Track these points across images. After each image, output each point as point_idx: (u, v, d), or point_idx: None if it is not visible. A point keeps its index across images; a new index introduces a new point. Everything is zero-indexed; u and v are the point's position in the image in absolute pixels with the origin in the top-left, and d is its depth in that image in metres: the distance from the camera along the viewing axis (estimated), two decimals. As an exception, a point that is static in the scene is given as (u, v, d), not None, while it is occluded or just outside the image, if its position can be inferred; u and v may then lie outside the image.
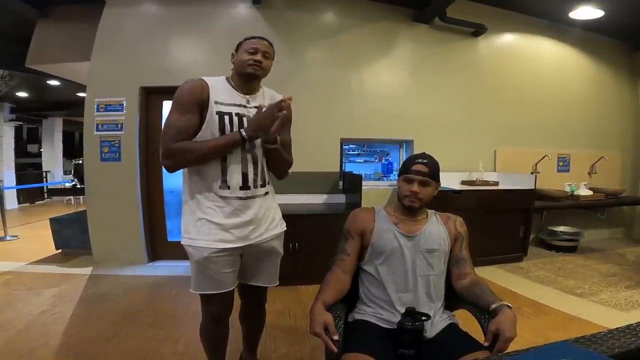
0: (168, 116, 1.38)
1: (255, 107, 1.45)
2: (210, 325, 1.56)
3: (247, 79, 1.45)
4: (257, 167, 1.46)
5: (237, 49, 1.47)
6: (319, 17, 3.96)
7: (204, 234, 1.39)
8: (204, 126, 1.36)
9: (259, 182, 1.48)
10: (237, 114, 1.41)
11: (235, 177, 1.41)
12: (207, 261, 1.40)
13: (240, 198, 1.42)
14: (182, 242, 1.44)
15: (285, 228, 1.64)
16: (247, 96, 1.47)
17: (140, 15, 3.72)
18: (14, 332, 2.31)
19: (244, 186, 1.43)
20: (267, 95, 1.54)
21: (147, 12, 3.73)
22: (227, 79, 1.48)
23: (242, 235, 1.43)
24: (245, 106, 1.45)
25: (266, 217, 1.51)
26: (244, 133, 1.35)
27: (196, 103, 1.36)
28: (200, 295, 1.48)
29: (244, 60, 1.41)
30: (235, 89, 1.46)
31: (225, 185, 1.41)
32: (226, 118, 1.38)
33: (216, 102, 1.38)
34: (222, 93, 1.41)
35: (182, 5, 3.70)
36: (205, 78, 1.41)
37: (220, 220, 1.40)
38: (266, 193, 1.52)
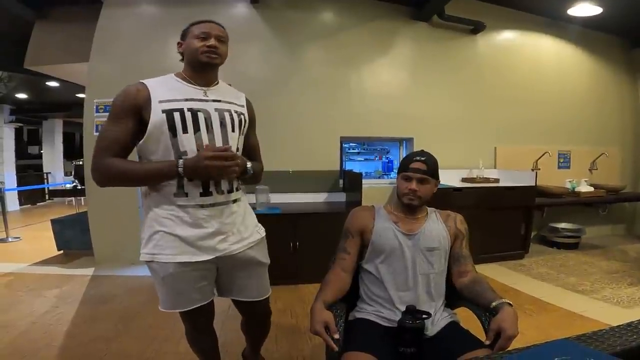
0: (101, 127, 1.28)
1: (215, 99, 1.30)
2: (193, 333, 1.50)
3: (202, 69, 1.29)
4: None
5: (183, 37, 1.32)
6: (317, 16, 3.95)
7: (165, 248, 1.24)
8: (149, 129, 1.19)
9: (225, 187, 1.30)
10: (190, 109, 1.23)
11: (193, 182, 1.23)
12: (173, 277, 1.25)
13: (201, 206, 1.25)
14: (141, 259, 1.28)
15: (264, 234, 1.48)
16: (203, 88, 1.30)
17: (138, 16, 3.71)
18: (17, 333, 2.32)
19: (205, 192, 1.25)
20: (226, 90, 1.39)
21: (144, 12, 3.73)
22: (176, 74, 1.32)
23: (209, 247, 1.27)
24: (201, 100, 1.27)
25: (237, 226, 1.35)
26: (180, 170, 1.17)
27: (130, 109, 1.20)
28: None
29: (196, 48, 1.26)
30: (189, 82, 1.29)
31: (181, 192, 1.23)
32: (176, 115, 1.20)
33: (160, 101, 1.21)
34: (168, 91, 1.24)
35: (180, 5, 3.69)
36: (146, 80, 1.25)
37: (179, 232, 1.24)
38: (235, 200, 1.35)
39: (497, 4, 4.34)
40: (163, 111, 1.20)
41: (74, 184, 7.98)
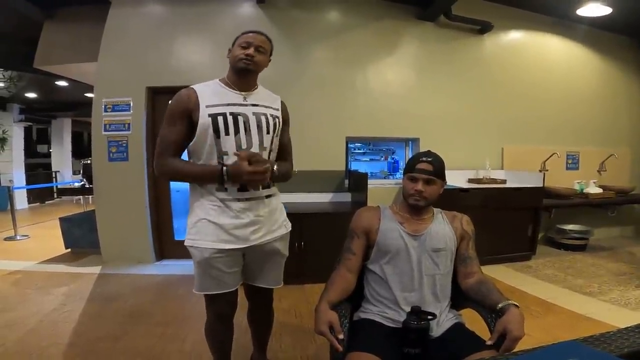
0: (161, 129, 1.41)
1: (253, 104, 1.43)
2: (215, 324, 1.57)
3: (240, 75, 1.43)
4: None
5: (233, 45, 1.46)
6: (323, 16, 3.95)
7: (205, 235, 1.39)
8: (198, 131, 1.35)
9: (259, 184, 1.43)
10: (231, 114, 1.37)
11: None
12: (208, 262, 1.39)
13: (239, 200, 1.40)
14: (185, 243, 1.43)
15: (290, 229, 1.62)
16: (243, 93, 1.44)
17: (145, 16, 3.74)
18: (25, 331, 2.35)
19: (242, 188, 1.40)
20: (264, 94, 1.52)
21: (152, 12, 3.76)
22: (220, 80, 1.46)
23: (243, 237, 1.41)
24: (241, 104, 1.42)
25: (269, 219, 1.48)
26: (225, 178, 1.32)
27: (183, 113, 1.37)
28: (205, 295, 1.48)
29: (236, 55, 1.40)
30: (231, 88, 1.43)
31: (222, 187, 1.38)
32: (219, 119, 1.35)
33: (207, 106, 1.36)
34: (212, 96, 1.39)
35: (187, 5, 3.72)
36: (195, 85, 1.41)
37: (220, 221, 1.38)
38: (268, 195, 1.49)
39: (505, 4, 4.30)
40: (209, 115, 1.35)
41: (82, 182, 8.06)
